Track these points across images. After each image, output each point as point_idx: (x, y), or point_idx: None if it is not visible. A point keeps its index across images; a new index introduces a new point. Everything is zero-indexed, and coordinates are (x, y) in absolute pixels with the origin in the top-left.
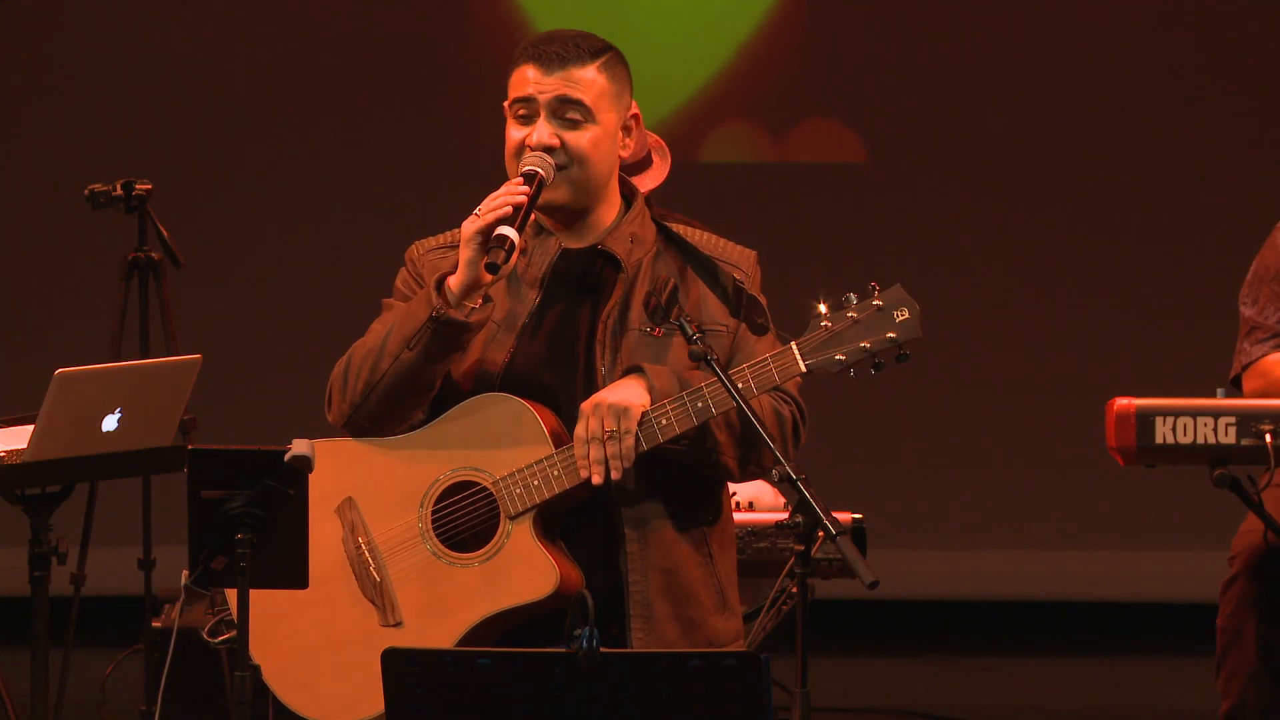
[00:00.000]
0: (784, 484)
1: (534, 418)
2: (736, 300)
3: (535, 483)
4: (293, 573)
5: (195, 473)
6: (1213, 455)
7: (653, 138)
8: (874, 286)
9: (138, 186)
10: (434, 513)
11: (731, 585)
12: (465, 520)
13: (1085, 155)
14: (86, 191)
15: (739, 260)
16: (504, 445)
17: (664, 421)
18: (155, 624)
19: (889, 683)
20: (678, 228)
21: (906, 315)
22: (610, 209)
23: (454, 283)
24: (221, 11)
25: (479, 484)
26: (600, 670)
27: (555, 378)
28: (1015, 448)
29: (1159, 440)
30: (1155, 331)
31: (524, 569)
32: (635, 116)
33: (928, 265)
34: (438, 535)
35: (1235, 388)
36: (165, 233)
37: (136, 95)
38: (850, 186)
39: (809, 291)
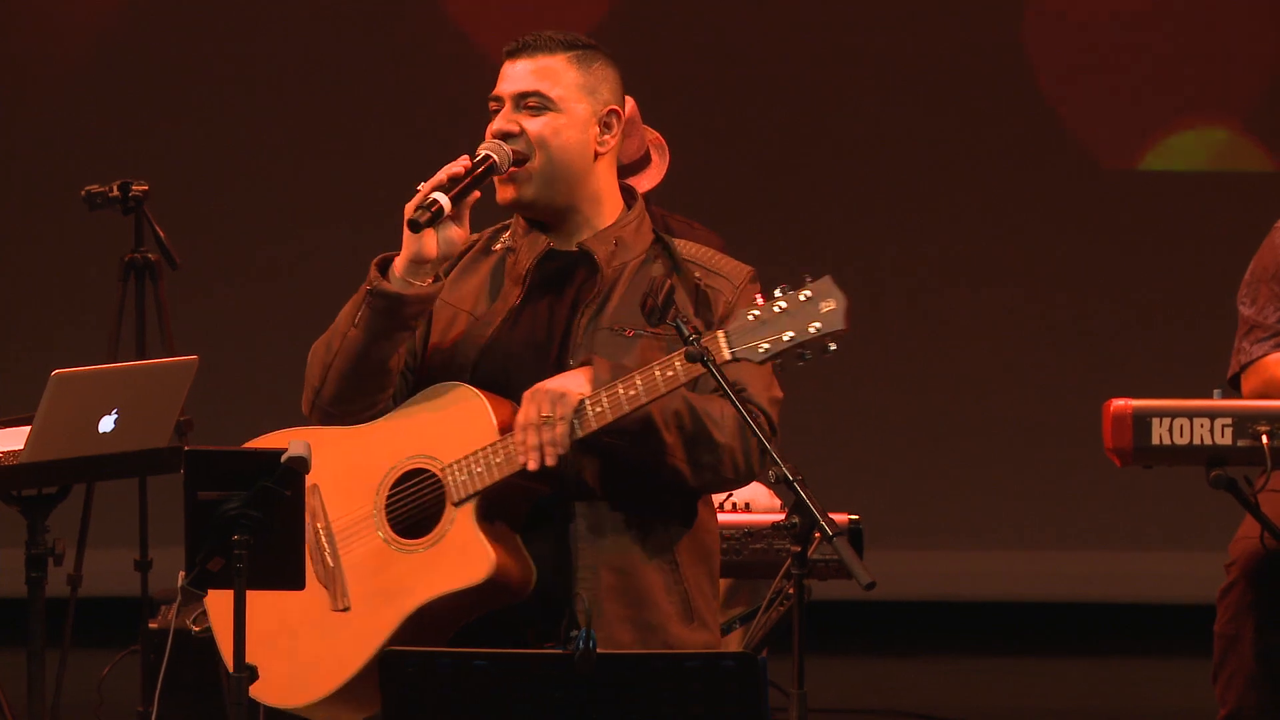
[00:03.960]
0: (780, 485)
1: (482, 405)
2: (709, 318)
3: (478, 469)
4: (289, 574)
5: (192, 474)
6: (1209, 456)
7: (652, 135)
8: (805, 276)
9: (134, 187)
10: (388, 499)
11: (703, 598)
12: (415, 506)
13: (1083, 157)
14: (83, 192)
15: (730, 273)
16: (453, 432)
17: (597, 409)
18: (152, 625)
19: (886, 683)
20: (679, 243)
21: (833, 307)
22: (604, 211)
23: (398, 259)
24: (220, 12)
25: (429, 471)
26: (597, 671)
27: (524, 373)
28: (1012, 449)
29: (1156, 441)
30: (1152, 333)
31: (462, 555)
32: (614, 112)
33: (926, 268)
34: (390, 521)
35: (1233, 387)
36: (162, 234)
37: (134, 96)
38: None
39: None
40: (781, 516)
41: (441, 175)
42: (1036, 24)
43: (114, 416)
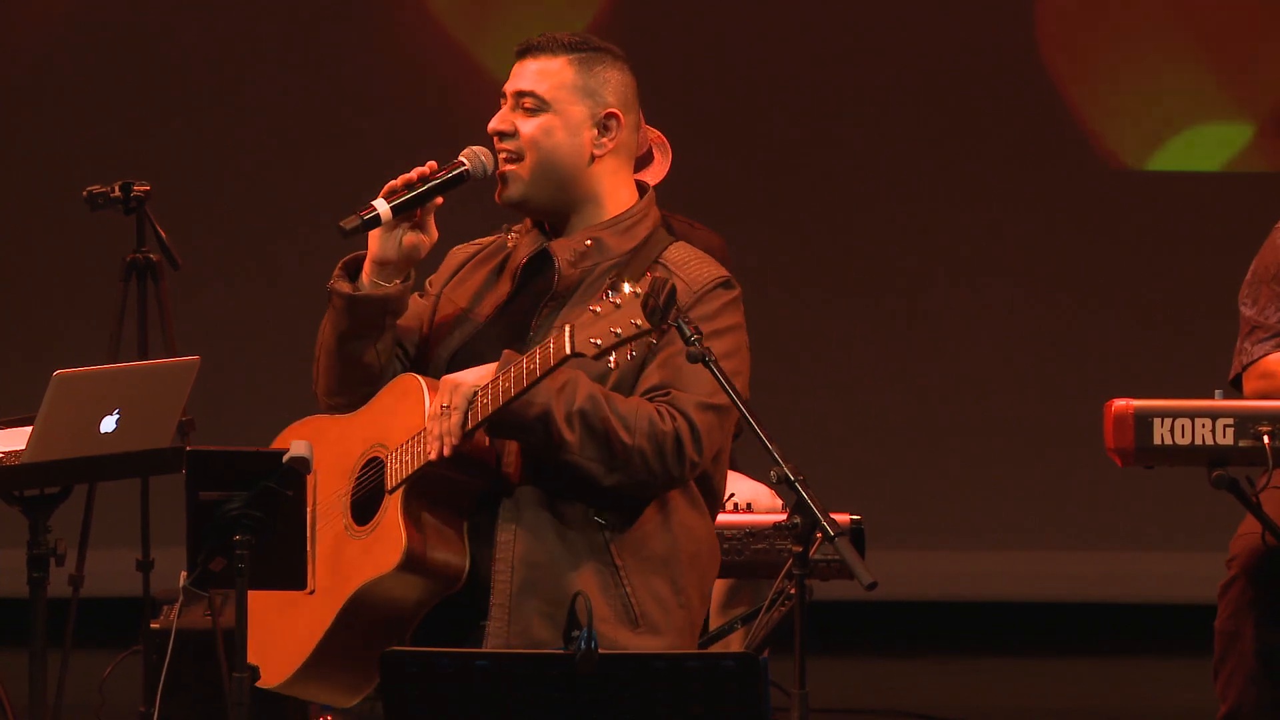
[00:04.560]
0: (782, 485)
1: (420, 395)
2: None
3: (407, 458)
4: (291, 574)
5: (194, 474)
6: (1211, 457)
7: (654, 134)
8: (648, 275)
9: (136, 188)
10: (353, 486)
11: (652, 603)
12: (368, 493)
13: (1083, 156)
14: (85, 193)
15: (695, 278)
16: (399, 421)
17: (484, 400)
18: (154, 625)
19: (888, 684)
20: (673, 248)
21: (658, 303)
22: (604, 211)
23: (367, 259)
24: (221, 13)
25: (379, 458)
26: (598, 672)
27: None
28: (1014, 449)
29: (1157, 441)
30: (1153, 333)
31: (384, 541)
32: (612, 115)
33: (926, 269)
34: (351, 507)
35: (1234, 388)
36: (163, 234)
37: (135, 97)
38: (854, 194)
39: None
40: (783, 517)
41: (407, 177)
42: (1043, 24)
43: (116, 416)
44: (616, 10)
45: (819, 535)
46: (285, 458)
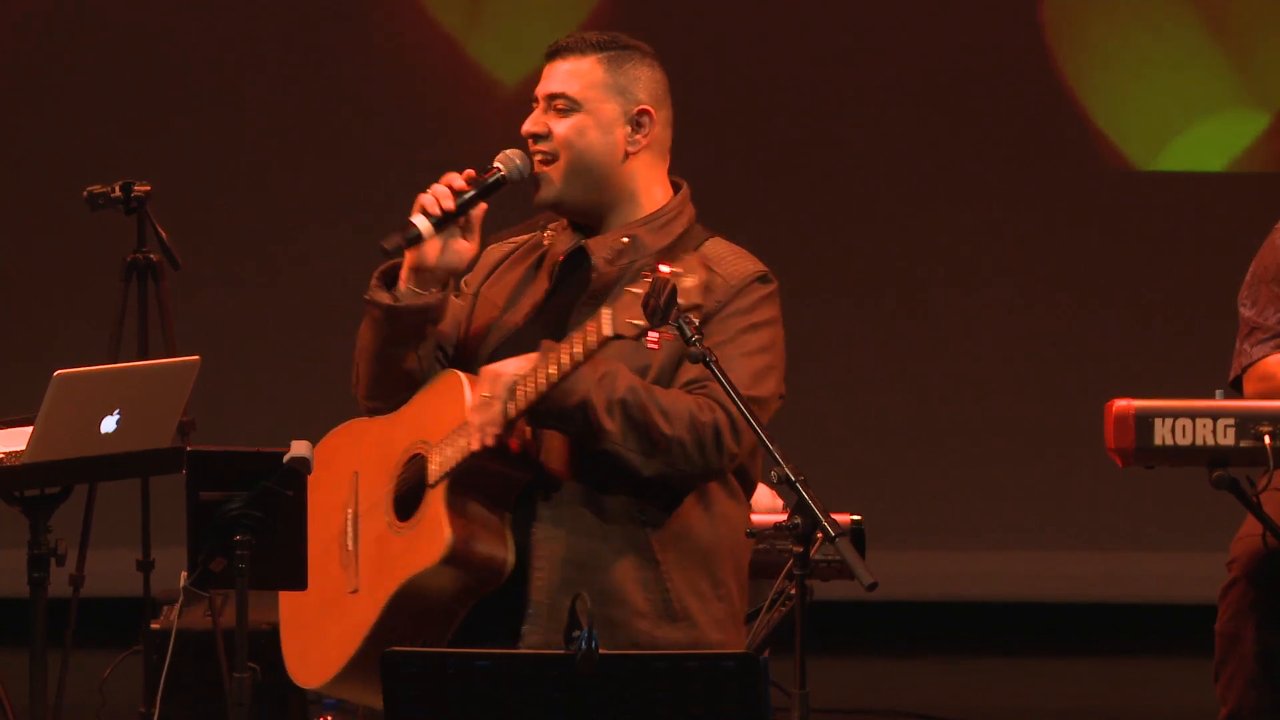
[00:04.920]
0: (783, 485)
1: (461, 389)
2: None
3: (449, 451)
4: (291, 574)
5: (194, 474)
6: (1211, 457)
7: None
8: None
9: (136, 188)
10: (397, 483)
11: (692, 596)
12: (410, 490)
13: (1084, 156)
14: (85, 193)
15: (732, 273)
16: (439, 415)
17: (525, 388)
18: (154, 625)
19: (888, 684)
20: (711, 243)
21: (693, 281)
22: (640, 208)
23: (404, 267)
24: (221, 13)
25: (421, 454)
26: (599, 671)
27: None
28: (1014, 449)
29: (1158, 442)
30: (1154, 333)
31: (427, 535)
32: (644, 112)
33: (926, 269)
34: (394, 504)
35: (1234, 389)
36: (164, 234)
37: (135, 97)
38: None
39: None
40: (784, 517)
41: (439, 196)
42: (1046, 24)
43: (116, 417)
44: (614, 9)
45: (819, 535)
46: (285, 458)
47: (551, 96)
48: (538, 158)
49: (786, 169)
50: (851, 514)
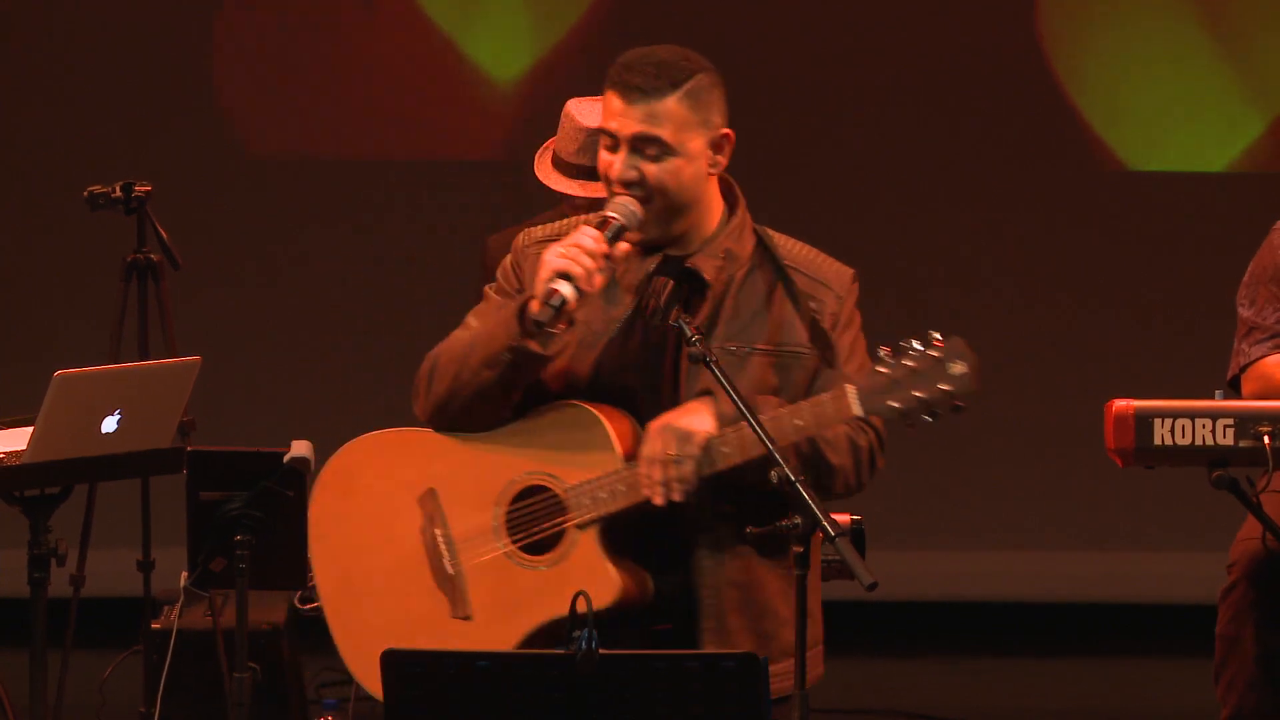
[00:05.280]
0: (783, 485)
1: (606, 431)
2: (821, 341)
3: (602, 495)
4: (291, 574)
5: (194, 474)
6: (1211, 457)
7: None
8: (933, 335)
9: (137, 188)
10: (508, 513)
11: (814, 591)
12: (536, 523)
13: (1084, 156)
14: (86, 193)
15: (831, 279)
16: (576, 454)
17: (725, 449)
18: (154, 625)
19: (887, 684)
20: (778, 240)
21: (963, 369)
22: (710, 217)
23: (533, 309)
24: (220, 14)
25: (551, 489)
26: (599, 672)
27: (639, 385)
28: (1014, 449)
29: (1158, 442)
30: (1154, 333)
31: (587, 577)
32: (725, 136)
33: (926, 268)
34: (510, 535)
35: (1232, 389)
36: (164, 234)
37: (136, 97)
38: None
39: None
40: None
41: (582, 262)
42: (1044, 27)
43: (116, 417)
44: (611, 9)
45: (820, 535)
46: (285, 458)
47: (639, 140)
48: (640, 199)
49: (786, 169)
50: (851, 514)
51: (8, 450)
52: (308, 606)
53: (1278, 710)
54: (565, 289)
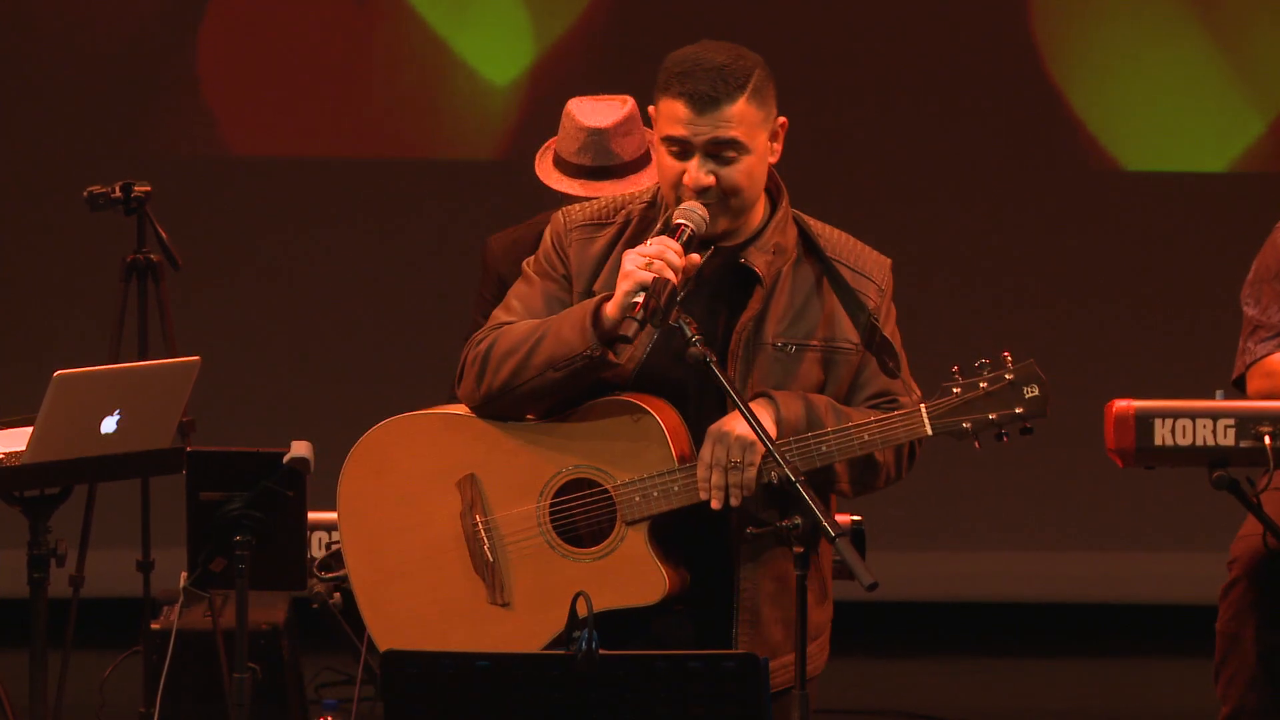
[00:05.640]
0: (784, 486)
1: (660, 430)
2: (869, 336)
3: (655, 494)
4: (291, 574)
5: (194, 474)
6: (1211, 457)
7: (651, 135)
8: (1006, 357)
9: (136, 189)
10: (552, 504)
11: (829, 573)
12: (582, 517)
13: (1084, 156)
14: (85, 194)
15: (873, 270)
16: (628, 451)
17: (788, 457)
18: (154, 625)
19: (888, 683)
20: (817, 229)
21: (1036, 392)
22: (759, 206)
23: (610, 312)
24: (220, 13)
25: (599, 484)
26: (599, 672)
27: (687, 378)
28: (1015, 450)
29: (1158, 442)
30: (1154, 333)
31: (634, 573)
32: (782, 124)
33: (927, 268)
34: (554, 526)
35: (1237, 388)
36: (164, 235)
37: (136, 98)
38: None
39: None
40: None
41: (667, 272)
42: (1041, 22)
43: (116, 417)
44: (610, 7)
45: (821, 536)
46: (285, 458)
47: (715, 144)
48: (709, 204)
49: (785, 168)
50: (852, 515)
51: (7, 450)
52: (328, 576)
53: (1278, 707)
54: (643, 299)
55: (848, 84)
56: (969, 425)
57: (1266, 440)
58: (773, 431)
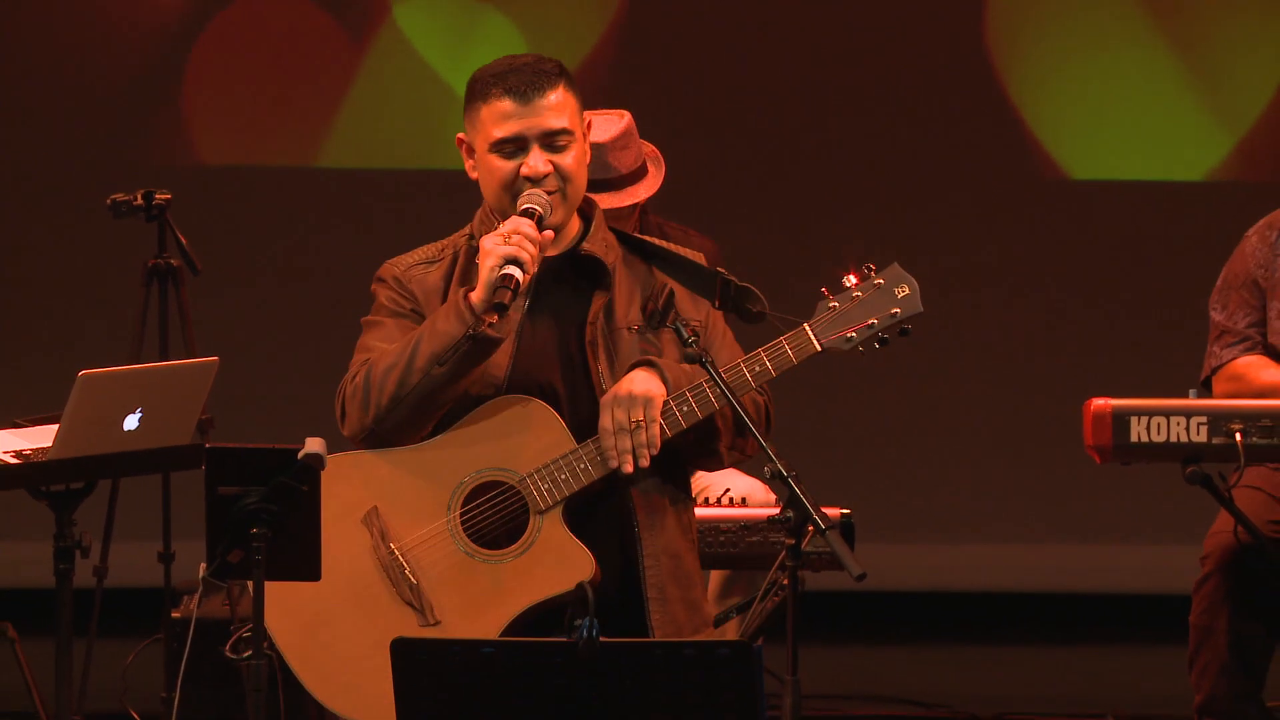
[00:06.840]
0: (775, 480)
1: (553, 415)
2: (723, 292)
3: (563, 477)
4: (306, 566)
5: (212, 470)
6: (1185, 454)
7: (649, 148)
8: (870, 268)
9: (158, 196)
10: (463, 514)
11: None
12: (495, 518)
13: (1071, 164)
14: (109, 201)
15: (695, 248)
16: (527, 443)
17: (685, 409)
18: (175, 614)
19: (876, 671)
20: (627, 234)
21: (907, 291)
22: (574, 219)
23: (476, 299)
24: (234, 22)
25: (505, 483)
26: (599, 659)
27: (556, 378)
28: (997, 445)
29: (1134, 439)
30: (1130, 334)
31: (559, 559)
32: (589, 124)
33: (916, 268)
34: (468, 535)
35: (1205, 389)
36: (184, 240)
37: (159, 109)
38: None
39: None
40: (776, 511)
41: (525, 246)
42: (991, 37)
43: (138, 415)
44: (618, 19)
45: (810, 528)
46: (300, 454)
47: (549, 135)
48: (550, 192)
49: (777, 171)
50: (841, 508)
51: (34, 447)
52: (244, 657)
53: (1248, 695)
54: (517, 272)
55: (836, 87)
56: (853, 335)
57: (1237, 437)
58: (664, 391)
